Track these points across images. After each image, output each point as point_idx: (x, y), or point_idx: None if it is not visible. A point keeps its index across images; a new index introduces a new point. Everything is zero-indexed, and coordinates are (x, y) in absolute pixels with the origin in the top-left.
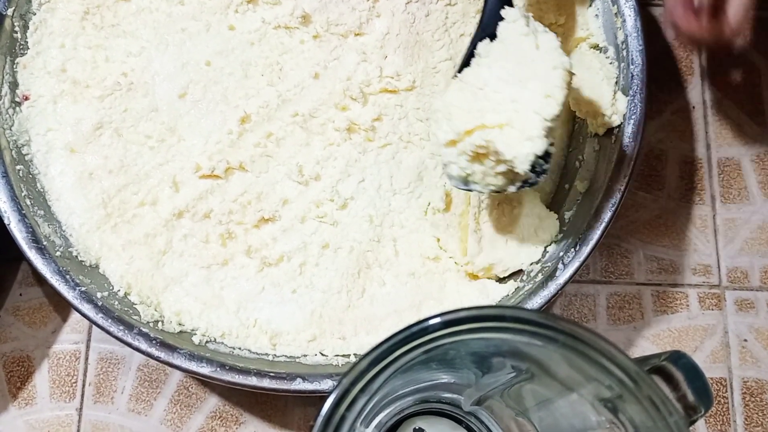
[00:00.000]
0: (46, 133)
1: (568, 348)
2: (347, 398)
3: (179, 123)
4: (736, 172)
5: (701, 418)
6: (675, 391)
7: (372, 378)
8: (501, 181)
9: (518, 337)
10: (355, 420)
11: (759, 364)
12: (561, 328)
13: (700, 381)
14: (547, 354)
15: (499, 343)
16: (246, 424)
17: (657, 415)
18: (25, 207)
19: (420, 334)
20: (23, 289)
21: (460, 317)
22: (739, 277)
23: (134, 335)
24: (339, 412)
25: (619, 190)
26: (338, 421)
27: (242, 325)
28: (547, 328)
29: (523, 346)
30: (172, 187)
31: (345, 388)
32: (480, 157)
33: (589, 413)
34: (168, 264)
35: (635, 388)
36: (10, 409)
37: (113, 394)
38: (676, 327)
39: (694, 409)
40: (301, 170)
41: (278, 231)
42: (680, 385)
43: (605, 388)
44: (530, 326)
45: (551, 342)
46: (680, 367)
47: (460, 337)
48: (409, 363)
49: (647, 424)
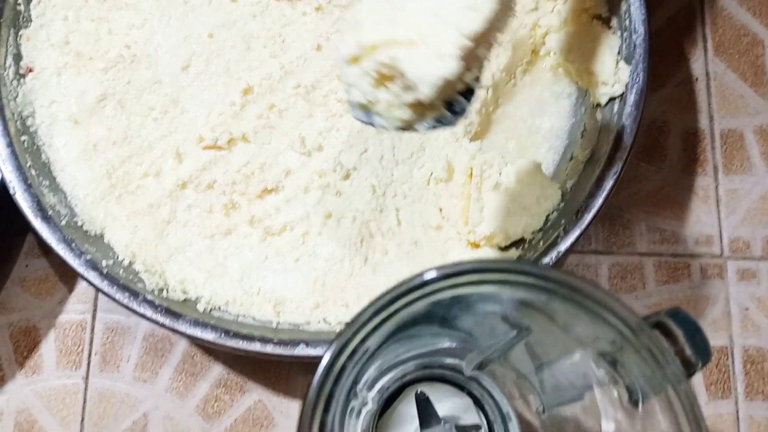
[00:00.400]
0: (50, 105)
1: (569, 300)
2: (348, 347)
3: (182, 95)
4: (739, 144)
5: (699, 371)
6: (673, 345)
7: (373, 329)
8: (408, 114)
9: (518, 291)
10: (358, 374)
11: (760, 333)
12: (561, 280)
13: (698, 335)
14: (548, 308)
15: (499, 297)
16: (250, 392)
17: (655, 366)
18: (31, 177)
19: (420, 286)
20: (29, 260)
21: (460, 270)
22: (741, 247)
23: (139, 302)
24: (340, 360)
25: (620, 158)
26: (339, 370)
27: (246, 293)
28: (547, 279)
29: (523, 301)
30: (176, 158)
31: (347, 337)
32: (385, 79)
33: (589, 370)
34: (172, 234)
35: (634, 339)
36: (18, 377)
37: (119, 362)
38: (678, 296)
39: (692, 363)
40: (303, 141)
41: (281, 201)
42: (678, 339)
43: (605, 341)
44: (530, 278)
45: (551, 294)
46: (679, 322)
47: (460, 290)
48: (409, 318)
49: (646, 374)
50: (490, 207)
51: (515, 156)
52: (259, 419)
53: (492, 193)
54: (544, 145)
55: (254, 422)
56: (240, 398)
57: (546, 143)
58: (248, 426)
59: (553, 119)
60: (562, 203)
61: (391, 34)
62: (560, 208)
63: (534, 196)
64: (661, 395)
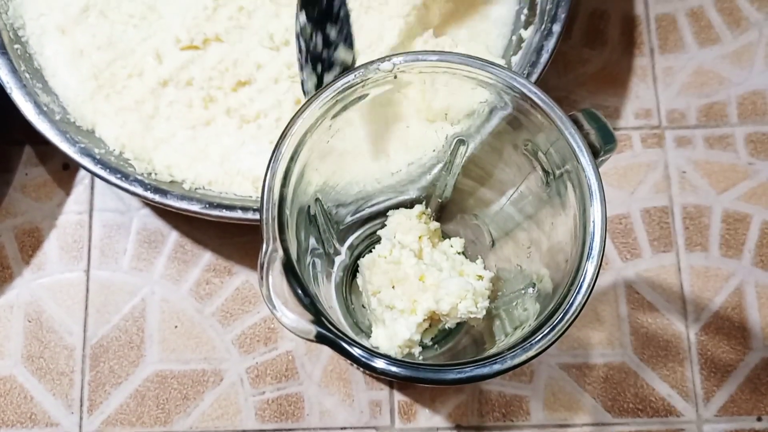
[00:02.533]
0: (39, 17)
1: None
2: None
3: (158, 2)
4: (672, 26)
5: (606, 154)
6: (580, 129)
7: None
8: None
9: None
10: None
11: (697, 192)
12: (506, 76)
13: (600, 122)
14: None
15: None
16: (237, 274)
17: (568, 148)
18: (25, 80)
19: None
20: (28, 169)
21: (418, 57)
22: (677, 117)
23: (131, 182)
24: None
25: (557, 30)
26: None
27: (226, 173)
28: (490, 73)
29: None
30: (156, 59)
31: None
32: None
33: (515, 165)
34: (157, 126)
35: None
36: (25, 274)
37: (116, 255)
38: (622, 165)
39: (597, 146)
40: (272, 37)
41: (254, 92)
42: (584, 126)
43: (529, 134)
44: (471, 68)
45: (494, 90)
46: (585, 114)
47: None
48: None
49: (561, 155)
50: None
51: (467, 42)
52: (247, 297)
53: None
54: (493, 32)
55: (242, 300)
56: (228, 280)
57: (495, 30)
58: (237, 303)
59: (501, 8)
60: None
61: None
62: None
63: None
64: (568, 168)
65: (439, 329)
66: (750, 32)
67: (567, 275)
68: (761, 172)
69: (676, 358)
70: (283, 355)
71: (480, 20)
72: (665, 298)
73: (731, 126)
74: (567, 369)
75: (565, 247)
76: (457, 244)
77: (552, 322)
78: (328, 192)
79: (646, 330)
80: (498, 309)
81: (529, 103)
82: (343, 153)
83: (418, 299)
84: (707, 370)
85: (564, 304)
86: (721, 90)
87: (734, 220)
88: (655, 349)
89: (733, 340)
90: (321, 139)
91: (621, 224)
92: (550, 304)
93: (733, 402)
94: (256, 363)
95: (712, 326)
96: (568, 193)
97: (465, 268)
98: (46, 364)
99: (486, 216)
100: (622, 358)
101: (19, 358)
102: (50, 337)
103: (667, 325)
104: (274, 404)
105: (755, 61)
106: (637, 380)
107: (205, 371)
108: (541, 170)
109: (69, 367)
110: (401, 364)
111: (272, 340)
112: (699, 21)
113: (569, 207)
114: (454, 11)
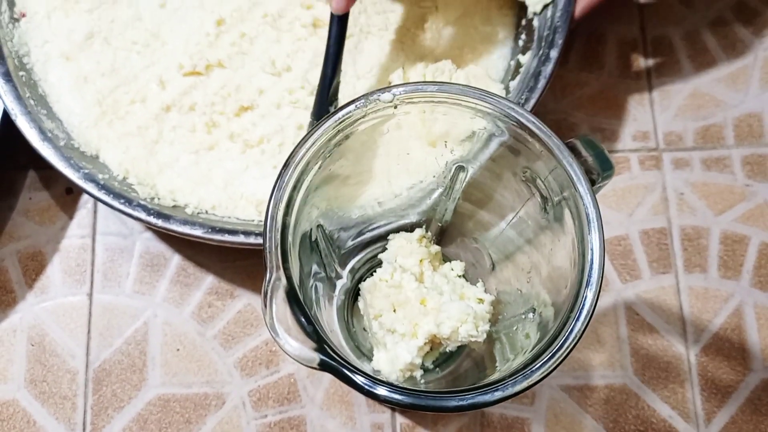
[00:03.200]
0: (44, 44)
1: (504, 122)
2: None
3: (162, 29)
4: (668, 49)
5: (605, 181)
6: (578, 157)
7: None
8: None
9: (463, 112)
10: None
11: (695, 213)
12: (503, 106)
13: (597, 149)
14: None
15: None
16: (239, 297)
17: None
18: (30, 106)
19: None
20: (32, 193)
21: (416, 89)
22: (674, 139)
23: (134, 207)
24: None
25: (554, 56)
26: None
27: (230, 198)
28: (488, 103)
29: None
30: (159, 85)
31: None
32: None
33: (515, 191)
34: (160, 151)
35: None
36: (28, 297)
37: (119, 279)
38: (620, 187)
39: (593, 171)
40: (273, 63)
41: (257, 117)
42: (582, 153)
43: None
44: (469, 99)
45: (492, 118)
46: (582, 141)
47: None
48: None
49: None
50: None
51: (467, 65)
52: (249, 320)
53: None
54: (495, 53)
55: (244, 323)
56: (231, 303)
57: (497, 51)
58: (239, 326)
59: (502, 29)
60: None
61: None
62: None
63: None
64: (566, 196)
65: (440, 352)
66: (745, 55)
67: (567, 300)
68: (758, 193)
69: (677, 379)
70: (285, 378)
71: (480, 43)
72: (665, 320)
73: (728, 148)
74: (568, 391)
75: (565, 273)
76: (458, 268)
77: (552, 348)
78: (331, 217)
79: (646, 351)
80: (499, 333)
81: (527, 132)
82: (345, 178)
83: (419, 323)
84: (708, 391)
85: (563, 331)
86: (717, 112)
87: (732, 241)
88: (655, 370)
89: (733, 361)
90: (323, 166)
91: (620, 246)
92: (551, 331)
93: (734, 423)
94: (258, 386)
95: (712, 347)
96: (566, 219)
97: (466, 291)
98: (49, 388)
99: (486, 240)
100: (623, 380)
101: (22, 382)
102: (53, 361)
103: (668, 346)
104: (276, 427)
105: (751, 83)
106: (638, 402)
107: (207, 395)
108: (539, 197)
109: (72, 391)
110: (403, 392)
111: (274, 363)
112: (695, 44)
113: (568, 233)
114: (454, 35)
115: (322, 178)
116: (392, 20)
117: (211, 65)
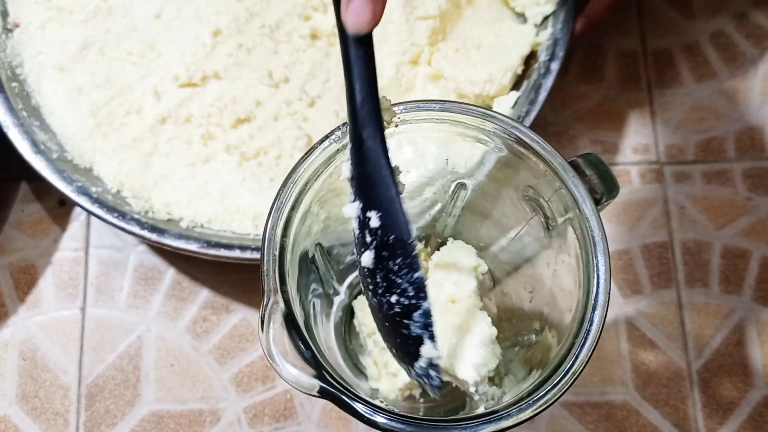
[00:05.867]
0: (37, 55)
1: (507, 141)
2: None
3: (157, 40)
4: (669, 62)
5: (609, 199)
6: (582, 176)
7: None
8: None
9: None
10: None
11: (696, 227)
12: (505, 123)
13: (601, 168)
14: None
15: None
16: (235, 312)
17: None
18: (22, 118)
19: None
20: (24, 205)
21: (419, 106)
22: (675, 153)
23: (128, 221)
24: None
25: (555, 68)
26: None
27: (226, 211)
28: (487, 121)
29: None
30: (155, 96)
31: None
32: None
33: (518, 208)
34: (156, 164)
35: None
36: (20, 311)
37: (113, 293)
38: (621, 201)
39: (597, 191)
40: (271, 75)
41: (254, 129)
42: (585, 172)
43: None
44: (472, 118)
45: (495, 137)
46: (586, 160)
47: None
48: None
49: (562, 203)
50: None
51: None
52: (244, 335)
53: None
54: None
55: (240, 338)
56: (226, 317)
57: (503, 63)
58: (235, 341)
59: (510, 39)
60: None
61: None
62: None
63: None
64: (570, 216)
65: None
66: (746, 68)
67: (571, 324)
68: (760, 207)
69: (678, 395)
70: (282, 394)
71: (477, 55)
72: (666, 335)
73: (729, 161)
74: (569, 407)
75: (569, 294)
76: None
77: (558, 374)
78: (329, 234)
79: (647, 367)
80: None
81: (531, 152)
82: (344, 195)
83: None
84: (709, 407)
85: (569, 356)
86: (718, 125)
87: (734, 255)
88: (656, 386)
89: (735, 377)
90: (322, 186)
91: (621, 260)
92: (555, 355)
93: None
94: (254, 402)
95: (713, 363)
96: (570, 240)
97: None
98: (41, 403)
99: (487, 257)
100: (624, 396)
101: (13, 398)
102: (45, 376)
103: (669, 362)
104: None
105: (752, 96)
106: (639, 418)
107: (202, 411)
108: (542, 216)
109: (64, 407)
110: (403, 420)
111: (270, 379)
112: (695, 56)
113: (572, 254)
114: (453, 48)
115: (321, 198)
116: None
117: (207, 76)
